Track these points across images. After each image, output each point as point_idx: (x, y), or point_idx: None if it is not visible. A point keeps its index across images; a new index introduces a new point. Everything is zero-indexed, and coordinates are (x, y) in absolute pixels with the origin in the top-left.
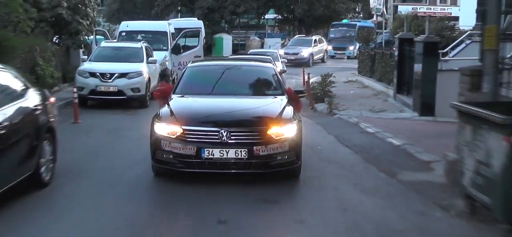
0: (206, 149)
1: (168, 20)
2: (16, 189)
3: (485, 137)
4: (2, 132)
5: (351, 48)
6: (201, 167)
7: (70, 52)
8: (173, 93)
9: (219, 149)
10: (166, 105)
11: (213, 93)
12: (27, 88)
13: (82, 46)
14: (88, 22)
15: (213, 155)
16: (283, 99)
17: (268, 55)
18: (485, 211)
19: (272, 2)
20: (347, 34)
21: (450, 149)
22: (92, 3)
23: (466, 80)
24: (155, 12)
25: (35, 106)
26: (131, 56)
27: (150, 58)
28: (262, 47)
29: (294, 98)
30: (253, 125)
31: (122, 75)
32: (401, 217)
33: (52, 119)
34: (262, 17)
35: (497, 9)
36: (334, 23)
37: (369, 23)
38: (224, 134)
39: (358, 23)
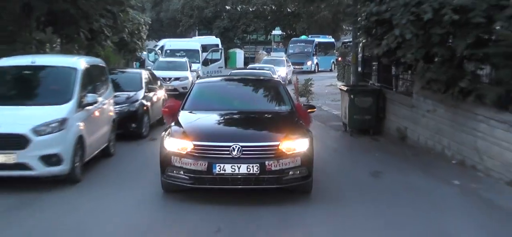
0: (217, 165)
1: (191, 37)
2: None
3: (344, 97)
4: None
5: (309, 63)
6: (212, 183)
7: (129, 64)
8: (182, 109)
9: (231, 165)
10: (176, 121)
11: (222, 109)
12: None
13: (138, 60)
14: (141, 43)
15: (225, 170)
16: (293, 114)
17: (266, 70)
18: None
19: (278, 22)
20: (305, 50)
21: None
22: (144, 28)
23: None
24: (180, 31)
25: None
26: (179, 66)
27: (192, 68)
28: None
29: (303, 113)
30: (265, 139)
31: (176, 78)
32: (324, 134)
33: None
34: (269, 34)
35: (355, 47)
36: (293, 39)
37: (328, 38)
38: (236, 149)
39: (316, 39)
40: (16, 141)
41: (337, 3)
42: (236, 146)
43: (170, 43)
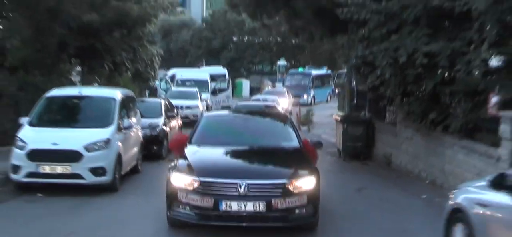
0: (223, 202)
1: (199, 67)
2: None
3: (339, 126)
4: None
5: (305, 96)
6: (218, 220)
7: (141, 93)
8: (189, 143)
9: (237, 202)
10: (183, 156)
11: (229, 143)
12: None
13: (150, 89)
14: (153, 73)
15: (231, 207)
16: (300, 151)
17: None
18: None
19: (282, 53)
20: (302, 83)
21: None
22: (156, 59)
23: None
24: (188, 61)
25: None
26: (191, 96)
27: (202, 98)
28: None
29: (310, 150)
30: (272, 177)
31: (188, 107)
32: (320, 159)
33: None
34: (274, 65)
35: (349, 82)
36: (290, 71)
37: (324, 70)
38: (243, 186)
39: (313, 72)
40: (71, 156)
41: (334, 42)
42: (243, 183)
43: (181, 73)
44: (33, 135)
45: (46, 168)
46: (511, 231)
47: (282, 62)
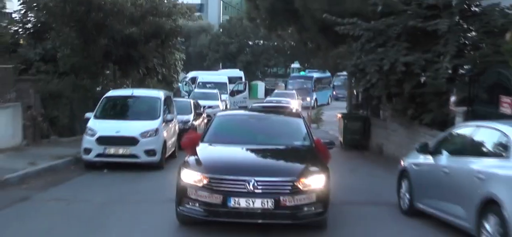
0: (232, 198)
1: (216, 70)
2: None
3: (341, 122)
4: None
5: (308, 99)
6: (227, 216)
7: None
8: (201, 141)
9: (246, 199)
10: (194, 153)
11: (241, 142)
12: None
13: (173, 90)
14: (176, 76)
15: (239, 204)
16: (312, 150)
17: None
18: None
19: (295, 57)
20: (305, 86)
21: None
22: (180, 64)
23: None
24: (206, 64)
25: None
26: (212, 97)
27: (222, 99)
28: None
29: (322, 149)
30: (281, 175)
31: (209, 107)
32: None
33: None
34: (288, 68)
35: (350, 85)
36: (292, 75)
37: (326, 74)
38: (251, 184)
39: (314, 75)
40: (130, 141)
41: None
42: (251, 180)
43: (202, 76)
44: (99, 126)
45: (111, 150)
46: (429, 175)
47: (295, 65)
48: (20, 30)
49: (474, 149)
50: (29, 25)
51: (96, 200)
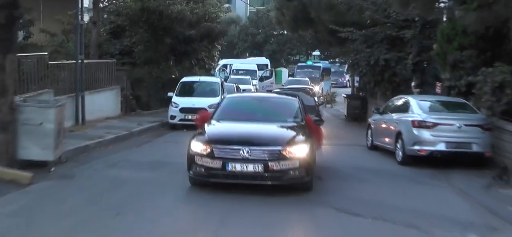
0: (230, 163)
1: (244, 58)
2: None
3: (345, 101)
4: None
5: (317, 88)
6: (225, 178)
7: None
8: (211, 119)
9: (240, 164)
10: (202, 128)
11: (243, 120)
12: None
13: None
14: (214, 64)
15: (235, 168)
16: (302, 126)
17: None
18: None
19: (316, 46)
20: (312, 75)
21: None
22: (217, 54)
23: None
24: (235, 52)
25: None
26: (245, 82)
27: (253, 83)
28: None
29: (311, 125)
30: (269, 145)
31: (244, 90)
32: (335, 121)
33: None
34: (310, 56)
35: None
36: (299, 64)
37: (326, 64)
38: (245, 152)
39: (322, 65)
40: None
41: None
42: (245, 149)
43: (236, 64)
44: (180, 100)
45: (189, 116)
46: (379, 125)
47: (316, 53)
48: (101, 29)
49: (396, 109)
50: (107, 27)
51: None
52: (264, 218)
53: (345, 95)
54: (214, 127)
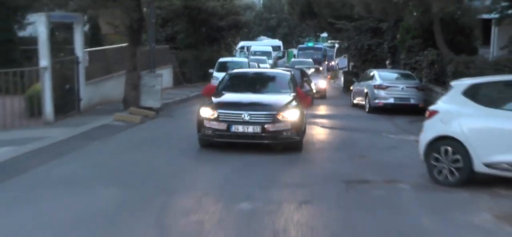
0: (233, 126)
1: (260, 39)
2: None
3: (342, 75)
4: None
5: (320, 69)
6: (229, 138)
7: None
8: (217, 90)
9: (242, 126)
10: (210, 99)
11: (244, 91)
12: None
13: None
14: (235, 46)
15: (238, 129)
16: (292, 95)
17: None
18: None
19: (325, 28)
20: (314, 57)
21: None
22: (239, 37)
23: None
24: (251, 35)
25: None
26: (263, 61)
27: (269, 63)
28: None
29: (301, 95)
30: (266, 110)
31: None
32: (336, 91)
33: None
34: (318, 37)
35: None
36: (300, 46)
37: (321, 44)
38: (246, 116)
39: (323, 46)
40: None
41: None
42: (246, 114)
43: (254, 46)
44: (219, 75)
45: None
46: (357, 90)
47: (324, 34)
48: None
49: (367, 78)
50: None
51: None
52: (263, 172)
53: (343, 72)
54: (220, 96)
